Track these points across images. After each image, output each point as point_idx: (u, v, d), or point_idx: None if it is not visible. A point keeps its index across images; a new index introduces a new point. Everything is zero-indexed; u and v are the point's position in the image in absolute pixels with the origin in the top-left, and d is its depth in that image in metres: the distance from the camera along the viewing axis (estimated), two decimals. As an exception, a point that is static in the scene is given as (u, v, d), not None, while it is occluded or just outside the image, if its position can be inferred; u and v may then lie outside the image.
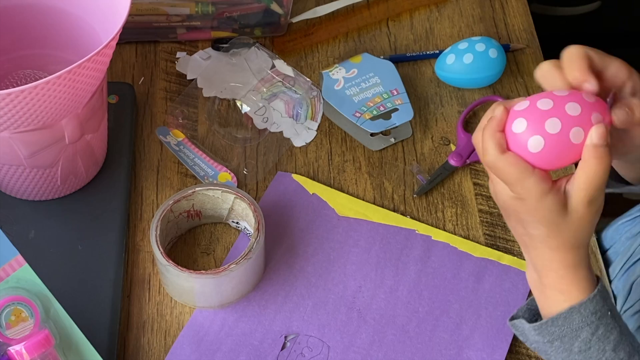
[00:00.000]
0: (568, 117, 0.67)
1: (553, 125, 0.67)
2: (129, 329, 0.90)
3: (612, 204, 1.21)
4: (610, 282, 1.00)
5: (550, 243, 0.70)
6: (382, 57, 1.12)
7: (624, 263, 1.00)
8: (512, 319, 0.76)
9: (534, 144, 0.67)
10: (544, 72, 0.72)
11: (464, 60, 1.07)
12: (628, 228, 1.04)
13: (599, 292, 0.70)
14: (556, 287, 0.72)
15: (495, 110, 0.70)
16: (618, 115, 0.69)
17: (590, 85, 0.69)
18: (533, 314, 0.76)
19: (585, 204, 0.68)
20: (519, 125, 0.68)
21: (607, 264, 1.03)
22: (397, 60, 1.12)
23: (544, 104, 0.68)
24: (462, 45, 1.08)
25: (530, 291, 0.92)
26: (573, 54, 0.71)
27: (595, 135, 0.66)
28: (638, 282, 0.98)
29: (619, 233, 1.05)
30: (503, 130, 0.69)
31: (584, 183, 0.67)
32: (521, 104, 0.69)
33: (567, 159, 0.68)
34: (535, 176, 0.68)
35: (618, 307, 0.98)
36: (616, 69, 0.72)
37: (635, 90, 0.72)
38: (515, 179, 0.68)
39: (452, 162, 1.03)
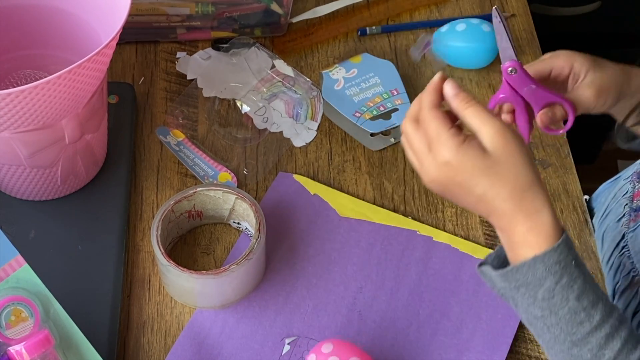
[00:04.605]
0: None
1: None
2: (129, 329, 0.90)
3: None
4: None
5: (501, 193, 0.72)
6: (382, 57, 1.12)
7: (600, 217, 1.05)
8: (481, 264, 0.76)
9: None
10: None
11: (457, 29, 1.09)
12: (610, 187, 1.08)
13: (563, 241, 0.71)
14: (525, 243, 0.72)
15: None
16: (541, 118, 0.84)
17: None
18: (502, 262, 0.76)
19: (496, 136, 0.71)
20: None
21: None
22: (392, 30, 1.15)
23: (326, 347, 0.83)
24: (458, 22, 1.11)
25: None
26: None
27: (448, 88, 0.75)
28: (607, 232, 1.02)
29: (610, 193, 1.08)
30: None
31: (479, 120, 0.73)
32: (327, 346, 0.83)
33: None
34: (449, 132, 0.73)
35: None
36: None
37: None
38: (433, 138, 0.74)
39: (453, 163, 1.02)
